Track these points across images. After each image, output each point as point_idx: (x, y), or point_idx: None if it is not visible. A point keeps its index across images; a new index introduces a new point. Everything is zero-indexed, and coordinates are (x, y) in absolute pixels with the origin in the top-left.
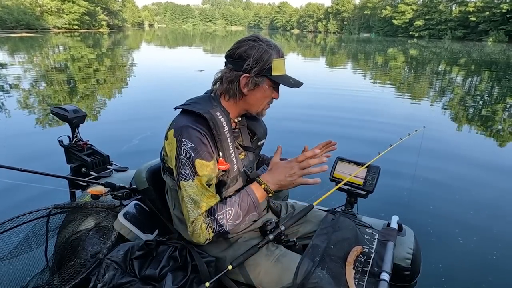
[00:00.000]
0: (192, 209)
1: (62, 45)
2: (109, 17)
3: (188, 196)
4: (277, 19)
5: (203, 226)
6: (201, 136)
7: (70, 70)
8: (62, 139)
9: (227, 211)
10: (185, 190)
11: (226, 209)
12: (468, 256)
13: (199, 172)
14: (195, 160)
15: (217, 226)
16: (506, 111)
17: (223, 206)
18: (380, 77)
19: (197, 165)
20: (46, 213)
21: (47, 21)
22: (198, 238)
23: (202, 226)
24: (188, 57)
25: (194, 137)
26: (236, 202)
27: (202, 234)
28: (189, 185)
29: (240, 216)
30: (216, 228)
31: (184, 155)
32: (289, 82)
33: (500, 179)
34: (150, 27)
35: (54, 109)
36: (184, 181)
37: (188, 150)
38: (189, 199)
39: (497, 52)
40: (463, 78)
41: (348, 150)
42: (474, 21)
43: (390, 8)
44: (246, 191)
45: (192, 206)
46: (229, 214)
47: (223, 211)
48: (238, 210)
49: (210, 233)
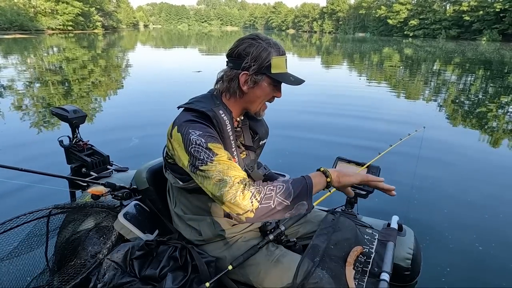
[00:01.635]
0: (224, 177)
1: (56, 46)
2: (103, 18)
3: (217, 171)
4: (272, 19)
5: (246, 193)
6: (205, 127)
7: (68, 71)
8: (62, 140)
9: (278, 186)
10: (210, 170)
11: (276, 184)
12: (468, 256)
13: (216, 152)
14: (207, 144)
15: (264, 197)
16: (505, 110)
17: (273, 182)
18: (378, 77)
19: (212, 147)
20: (46, 213)
21: (41, 22)
22: (238, 205)
23: (245, 193)
24: (184, 58)
25: (199, 127)
26: (289, 181)
27: (243, 201)
28: (211, 166)
29: (290, 196)
30: (263, 199)
31: (195, 143)
32: (289, 80)
33: (500, 179)
34: (145, 27)
35: (54, 110)
36: (204, 166)
37: (198, 138)
38: (218, 173)
39: (491, 51)
40: (460, 77)
41: (348, 150)
42: (468, 20)
43: (385, 8)
44: (303, 176)
45: (221, 177)
46: (280, 189)
47: (273, 184)
48: (290, 187)
49: (254, 203)
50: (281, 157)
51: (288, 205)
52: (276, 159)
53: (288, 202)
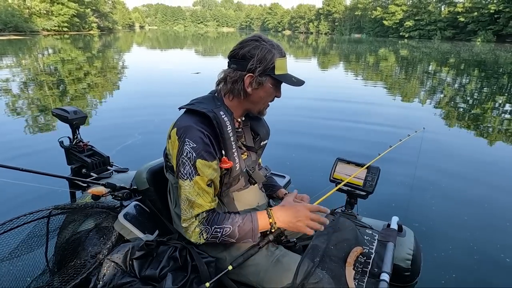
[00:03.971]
0: (186, 209)
1: (52, 47)
2: (99, 19)
3: (184, 195)
4: (268, 20)
5: (196, 230)
6: (203, 136)
7: (65, 73)
8: (62, 140)
9: (225, 228)
10: (182, 189)
11: (225, 225)
12: (468, 256)
13: (200, 172)
14: (196, 160)
15: (210, 236)
16: (504, 111)
17: (223, 221)
18: (377, 78)
19: (198, 165)
20: (46, 214)
21: (36, 24)
22: (190, 238)
23: (196, 230)
24: (182, 59)
25: (196, 137)
26: (238, 223)
27: (193, 236)
28: (186, 184)
29: (235, 237)
30: (209, 238)
31: (185, 154)
32: (291, 81)
33: (500, 179)
34: (141, 29)
35: (54, 111)
36: (182, 180)
37: (190, 150)
38: (185, 198)
39: (486, 52)
40: (457, 79)
41: (348, 151)
42: (463, 22)
43: (381, 9)
44: (251, 217)
45: (186, 205)
46: (226, 231)
47: (221, 226)
48: (236, 231)
49: (201, 239)
50: (281, 158)
51: (232, 241)
52: (277, 160)
53: (232, 240)
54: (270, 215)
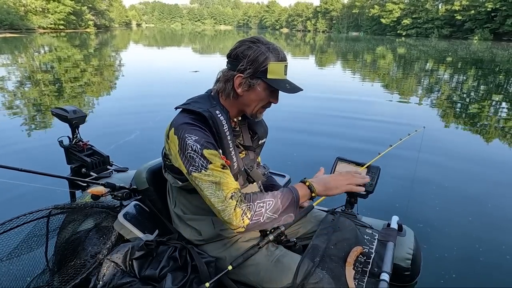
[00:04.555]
0: (215, 192)
1: (48, 45)
2: (95, 16)
3: (209, 181)
4: (266, 18)
5: (237, 211)
6: (202, 130)
7: (64, 71)
8: (62, 140)
9: (268, 201)
10: (202, 179)
11: (267, 199)
12: (468, 256)
13: (211, 159)
14: (202, 150)
15: (254, 214)
16: (503, 109)
17: (264, 195)
18: (376, 77)
19: (206, 155)
20: (46, 214)
21: (32, 21)
22: (230, 222)
23: (237, 211)
24: (180, 57)
25: (196, 131)
26: (278, 195)
27: (235, 219)
28: (205, 173)
29: (278, 210)
30: (253, 216)
31: (190, 149)
32: (284, 87)
33: (501, 179)
34: (137, 26)
35: (54, 110)
36: (197, 173)
37: (193, 143)
38: (210, 184)
39: (483, 50)
40: (456, 77)
41: (348, 150)
42: (460, 20)
43: (378, 7)
44: (289, 188)
45: (214, 189)
46: (269, 205)
47: (263, 200)
48: (278, 202)
49: (245, 221)
50: (281, 157)
51: (276, 218)
52: (276, 159)
53: (276, 215)
54: (305, 181)
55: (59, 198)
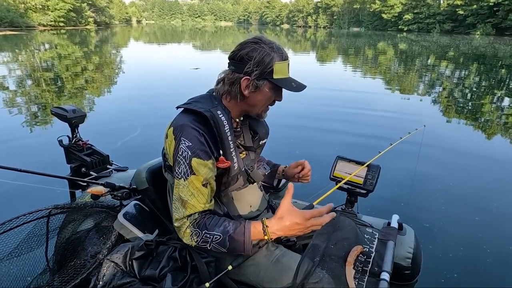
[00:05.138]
0: (178, 207)
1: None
2: (95, 13)
3: (178, 194)
4: (266, 14)
5: (187, 231)
6: (199, 135)
7: (64, 68)
8: (61, 139)
9: (216, 236)
10: (177, 188)
11: (215, 233)
12: (469, 255)
13: (195, 171)
14: (191, 158)
15: (201, 240)
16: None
17: (214, 228)
18: (377, 74)
19: (194, 164)
20: (46, 214)
21: (32, 19)
22: (182, 238)
23: (187, 231)
24: (181, 54)
25: (192, 136)
26: (229, 233)
27: (185, 237)
28: (181, 183)
29: (225, 247)
30: (199, 242)
31: (181, 153)
32: (290, 86)
33: (504, 176)
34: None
35: (53, 109)
36: (177, 180)
37: (185, 149)
38: (178, 197)
39: (485, 45)
40: (458, 73)
41: (348, 149)
42: (462, 15)
43: (379, 2)
44: (244, 227)
45: (179, 204)
46: (216, 239)
47: (212, 233)
48: (226, 240)
49: (192, 242)
50: (281, 155)
51: (221, 251)
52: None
53: (223, 249)
54: (265, 230)
55: (59, 198)
